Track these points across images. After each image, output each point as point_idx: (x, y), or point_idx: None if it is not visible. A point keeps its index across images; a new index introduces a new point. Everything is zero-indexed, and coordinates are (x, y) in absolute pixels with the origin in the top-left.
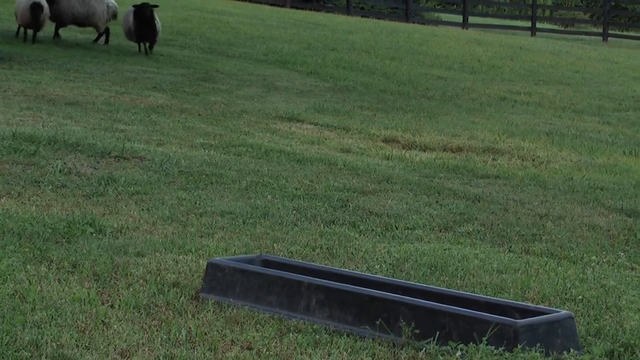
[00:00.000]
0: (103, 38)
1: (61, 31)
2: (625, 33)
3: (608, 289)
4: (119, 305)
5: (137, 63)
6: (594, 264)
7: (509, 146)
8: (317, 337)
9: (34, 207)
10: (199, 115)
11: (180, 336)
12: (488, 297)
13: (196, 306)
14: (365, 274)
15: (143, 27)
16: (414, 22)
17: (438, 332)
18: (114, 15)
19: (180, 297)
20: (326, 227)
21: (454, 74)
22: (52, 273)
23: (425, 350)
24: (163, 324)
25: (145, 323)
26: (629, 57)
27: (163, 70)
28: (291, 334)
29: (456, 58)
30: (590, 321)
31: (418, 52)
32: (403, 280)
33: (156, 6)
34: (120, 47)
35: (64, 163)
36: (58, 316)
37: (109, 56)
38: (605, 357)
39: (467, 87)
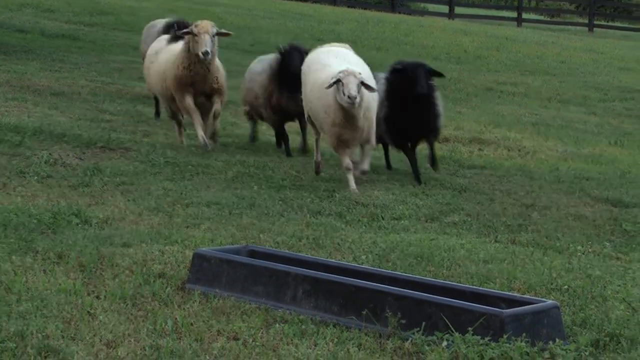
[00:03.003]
0: None
1: (46, 20)
2: (610, 23)
3: (594, 278)
4: (105, 296)
5: (122, 53)
6: (579, 253)
7: (495, 136)
8: (304, 327)
9: (19, 197)
10: None
11: (166, 327)
12: (474, 287)
13: (182, 297)
14: (352, 264)
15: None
16: (400, 13)
17: (424, 322)
18: None
19: (166, 287)
20: (312, 217)
21: (440, 64)
22: (38, 264)
23: (412, 340)
24: (149, 314)
25: (131, 314)
26: (615, 47)
27: None
28: (277, 325)
29: (442, 48)
30: (576, 311)
31: (404, 42)
32: (389, 271)
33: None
34: (106, 38)
35: (50, 154)
36: (44, 307)
37: (94, 46)
38: (591, 346)
39: (453, 77)
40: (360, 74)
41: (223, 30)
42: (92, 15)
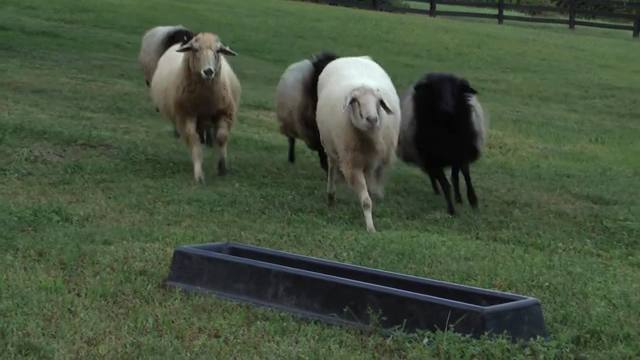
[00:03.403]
0: None
1: (27, 17)
2: (591, 20)
3: (574, 275)
4: (86, 294)
5: (103, 50)
6: (560, 251)
7: None
8: (285, 324)
9: None
10: None
11: (147, 324)
12: (455, 284)
13: (163, 294)
14: (333, 261)
15: None
16: (381, 10)
17: (405, 320)
18: None
19: (148, 285)
20: (294, 214)
21: (422, 61)
22: (18, 261)
23: (393, 337)
24: (130, 312)
25: (112, 311)
26: (596, 44)
27: (130, 58)
28: (259, 322)
29: (424, 46)
30: (556, 308)
31: (385, 39)
32: (371, 268)
33: None
34: (87, 35)
35: (30, 151)
36: (24, 304)
37: (75, 43)
38: (572, 343)
39: None
40: (378, 90)
41: (227, 48)
42: (73, 12)
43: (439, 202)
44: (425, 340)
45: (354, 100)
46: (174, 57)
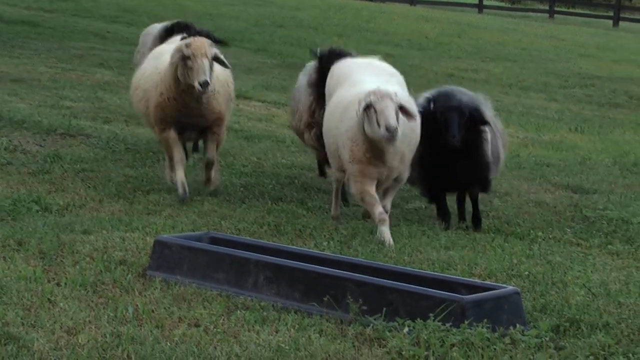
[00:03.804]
0: None
1: (5, 6)
2: (571, 10)
3: (554, 264)
4: (65, 283)
5: (83, 40)
6: (540, 240)
7: None
8: (265, 314)
9: None
10: None
11: (127, 314)
12: (435, 273)
13: (143, 284)
14: (313, 250)
15: None
16: None
17: (385, 309)
18: None
19: (127, 274)
20: (274, 204)
21: (402, 51)
22: None
23: (373, 326)
24: (110, 301)
25: (92, 301)
26: (575, 34)
27: (109, 47)
28: (239, 311)
29: (404, 35)
30: (536, 297)
31: (366, 29)
32: (351, 257)
33: None
34: (66, 24)
35: (10, 140)
36: (3, 294)
37: (54, 33)
38: (551, 332)
39: (414, 64)
40: (396, 94)
41: (222, 57)
42: (52, 1)
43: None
44: (406, 329)
45: (369, 107)
46: (163, 53)
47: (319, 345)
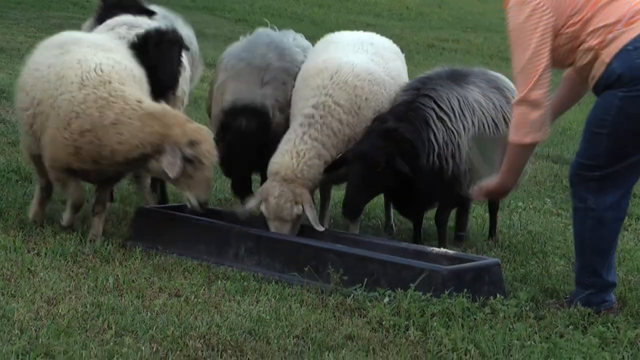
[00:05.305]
0: None
1: None
2: None
3: (534, 235)
4: (45, 253)
5: (62, 9)
6: (520, 210)
7: None
8: (246, 284)
9: None
10: None
11: (108, 284)
12: (416, 244)
13: (124, 254)
14: None
15: None
16: None
17: (366, 279)
18: None
19: (108, 245)
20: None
21: (383, 21)
22: None
23: (353, 296)
24: (90, 271)
25: (72, 271)
26: None
27: (89, 17)
28: (219, 281)
29: (385, 5)
30: (516, 267)
31: None
32: (332, 229)
33: None
34: None
35: None
36: None
37: (34, 2)
38: (531, 301)
39: (395, 34)
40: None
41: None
42: None
43: None
44: (386, 299)
45: None
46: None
47: (300, 315)
